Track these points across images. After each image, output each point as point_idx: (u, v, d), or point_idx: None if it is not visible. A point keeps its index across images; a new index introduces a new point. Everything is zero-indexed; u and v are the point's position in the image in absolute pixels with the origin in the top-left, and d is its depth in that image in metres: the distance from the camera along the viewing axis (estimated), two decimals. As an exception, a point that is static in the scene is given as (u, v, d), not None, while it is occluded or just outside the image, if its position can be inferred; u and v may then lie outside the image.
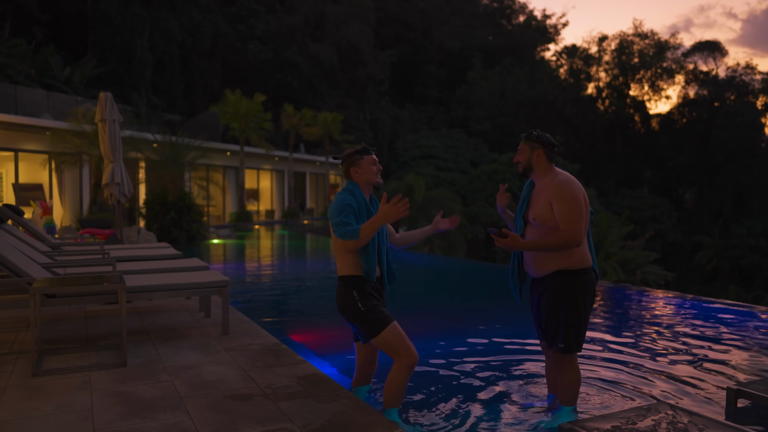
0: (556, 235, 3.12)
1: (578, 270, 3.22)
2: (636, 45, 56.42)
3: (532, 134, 3.31)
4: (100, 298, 4.25)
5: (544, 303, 3.30)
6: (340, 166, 3.44)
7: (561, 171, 3.30)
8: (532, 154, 3.30)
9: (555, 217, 3.15)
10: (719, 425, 2.58)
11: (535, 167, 3.31)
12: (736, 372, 4.31)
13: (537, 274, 3.32)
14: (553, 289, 3.24)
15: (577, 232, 3.09)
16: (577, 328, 3.22)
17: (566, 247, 3.13)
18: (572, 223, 3.10)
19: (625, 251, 23.49)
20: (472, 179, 37.92)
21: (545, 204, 3.19)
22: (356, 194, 3.30)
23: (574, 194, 3.14)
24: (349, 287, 3.27)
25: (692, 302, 7.30)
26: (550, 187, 3.21)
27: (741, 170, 44.46)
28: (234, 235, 19.18)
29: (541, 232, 3.23)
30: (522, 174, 3.38)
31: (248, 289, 8.74)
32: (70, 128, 16.33)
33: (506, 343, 5.34)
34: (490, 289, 9.44)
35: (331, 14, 50.49)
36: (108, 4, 32.17)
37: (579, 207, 3.12)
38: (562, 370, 3.31)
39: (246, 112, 25.71)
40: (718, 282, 36.17)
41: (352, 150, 3.38)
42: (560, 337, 3.22)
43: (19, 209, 7.19)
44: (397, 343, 3.21)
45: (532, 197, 3.33)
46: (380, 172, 3.36)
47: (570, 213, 3.11)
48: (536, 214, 3.23)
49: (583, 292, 3.22)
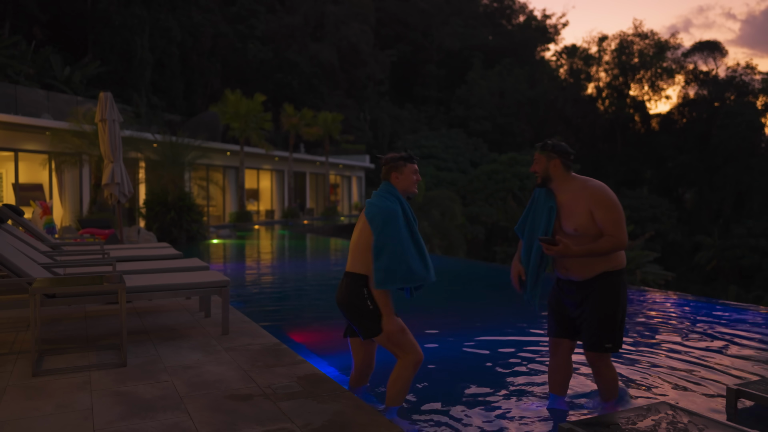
0: (605, 240, 3.21)
1: (620, 270, 3.34)
2: (636, 45, 56.45)
3: (548, 144, 3.35)
4: (100, 298, 4.25)
5: (590, 305, 3.31)
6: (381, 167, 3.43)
7: (583, 176, 3.35)
8: (549, 164, 3.34)
9: (597, 224, 3.23)
10: (719, 425, 2.58)
11: (553, 177, 3.35)
12: (736, 372, 4.31)
13: (582, 278, 3.34)
14: (601, 290, 3.29)
15: (625, 237, 3.22)
16: (622, 326, 3.33)
17: (615, 251, 3.24)
18: (619, 228, 3.20)
19: (626, 251, 23.48)
20: (472, 179, 37.93)
21: (585, 213, 3.24)
22: (403, 202, 3.29)
23: (614, 200, 3.24)
24: (358, 284, 3.23)
25: (692, 302, 7.30)
26: (584, 196, 3.25)
27: (741, 170, 44.47)
28: (234, 235, 19.18)
29: (581, 241, 3.27)
30: (540, 184, 3.40)
31: (248, 289, 8.74)
32: (70, 128, 16.33)
33: (506, 342, 5.34)
34: (490, 289, 9.44)
35: (331, 14, 50.52)
36: (108, 4, 32.19)
37: (621, 211, 3.25)
38: (600, 369, 3.37)
39: (246, 112, 25.72)
40: (718, 282, 36.17)
41: (396, 154, 3.36)
42: (608, 337, 3.28)
43: (19, 209, 7.20)
44: (403, 340, 3.22)
45: (562, 207, 3.34)
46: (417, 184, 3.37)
47: (616, 219, 3.21)
48: (578, 224, 3.27)
49: (626, 291, 3.36)
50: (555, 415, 3.49)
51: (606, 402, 3.45)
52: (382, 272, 3.12)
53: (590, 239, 3.26)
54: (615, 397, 3.45)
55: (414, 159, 3.38)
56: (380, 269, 3.12)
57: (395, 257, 3.12)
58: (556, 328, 3.52)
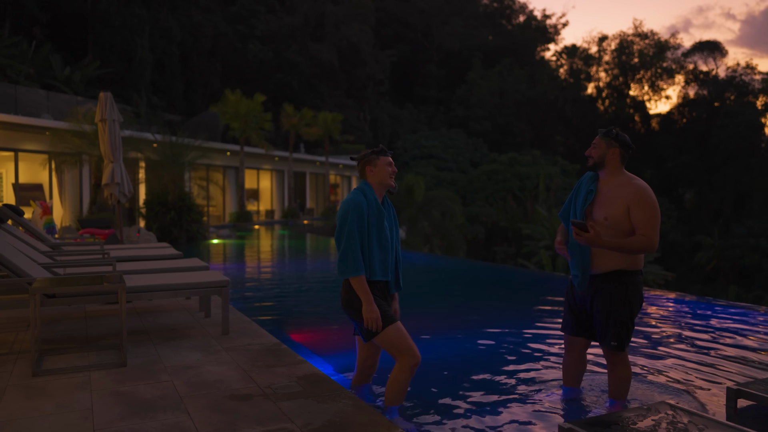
0: (637, 239, 3.19)
1: (636, 271, 3.31)
2: (636, 45, 56.44)
3: (612, 131, 3.36)
4: (100, 298, 4.25)
5: (602, 301, 3.34)
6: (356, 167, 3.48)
7: (633, 175, 3.36)
8: (608, 151, 3.35)
9: (631, 220, 3.22)
10: (719, 425, 2.58)
11: (607, 165, 3.36)
12: (736, 372, 4.31)
13: (596, 271, 3.36)
14: (612, 287, 3.31)
15: (656, 239, 3.19)
16: (629, 326, 3.32)
17: (645, 251, 3.22)
18: (653, 229, 3.19)
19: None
20: (472, 179, 37.94)
21: (622, 206, 3.24)
22: (368, 194, 3.33)
23: (654, 202, 3.23)
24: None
25: (692, 302, 7.30)
26: (627, 190, 3.26)
27: (741, 170, 44.46)
28: (234, 235, 19.18)
29: (608, 233, 3.27)
30: (591, 168, 3.41)
31: (248, 289, 8.74)
32: (70, 128, 16.32)
33: (507, 342, 5.34)
34: (490, 289, 9.44)
35: (331, 14, 50.51)
36: (108, 4, 32.17)
37: (658, 214, 3.23)
38: (615, 366, 3.39)
39: (246, 112, 25.72)
40: (718, 282, 36.16)
41: (368, 150, 3.43)
42: (614, 335, 3.30)
43: (19, 209, 7.19)
44: (400, 342, 3.24)
45: (601, 194, 3.36)
46: (395, 175, 3.41)
47: (651, 220, 3.19)
48: (609, 213, 3.28)
49: (638, 292, 3.32)
50: (559, 410, 3.50)
51: (615, 400, 3.45)
52: (339, 261, 3.24)
53: (616, 233, 3.25)
54: (624, 398, 3.45)
55: (387, 152, 3.42)
56: (338, 258, 3.25)
57: (349, 247, 3.21)
58: (573, 327, 3.54)
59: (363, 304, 3.21)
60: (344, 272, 3.21)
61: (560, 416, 3.48)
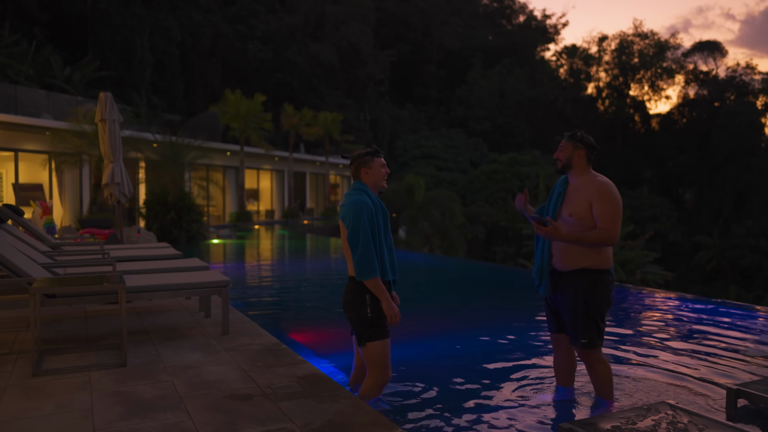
0: (596, 232, 3.28)
1: (602, 270, 3.36)
2: (636, 45, 56.43)
3: (577, 134, 3.45)
4: (100, 298, 4.25)
5: (567, 299, 3.40)
6: (349, 166, 3.45)
7: (598, 173, 3.44)
8: (574, 153, 3.44)
9: (593, 216, 3.31)
10: (719, 425, 2.58)
11: (574, 166, 3.45)
12: (736, 372, 4.31)
13: (562, 268, 3.44)
14: (577, 286, 3.36)
15: (615, 232, 3.27)
16: (598, 324, 3.36)
17: (603, 245, 3.29)
18: (612, 223, 3.26)
19: (626, 251, 23.50)
20: (472, 179, 37.93)
21: (584, 202, 3.33)
22: (371, 195, 3.31)
23: (615, 196, 3.31)
24: (362, 290, 3.26)
25: (692, 302, 7.30)
26: (590, 187, 3.35)
27: (741, 170, 44.46)
28: (234, 235, 19.18)
29: (573, 228, 3.36)
30: (560, 171, 3.50)
31: (248, 289, 8.74)
32: (70, 128, 16.32)
33: (507, 342, 5.34)
34: (490, 289, 9.44)
35: (331, 14, 50.51)
36: (108, 4, 32.18)
37: (619, 208, 3.30)
38: (591, 366, 3.43)
39: (246, 112, 25.72)
40: (718, 282, 36.16)
41: (362, 151, 3.38)
42: (583, 332, 3.35)
43: (19, 209, 7.19)
44: (381, 359, 3.28)
45: (568, 194, 3.46)
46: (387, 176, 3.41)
47: (610, 213, 3.27)
48: (573, 210, 3.37)
49: (606, 291, 3.36)
50: (558, 410, 3.50)
51: (605, 400, 3.49)
52: (359, 264, 3.17)
53: (581, 228, 3.33)
54: (611, 396, 3.49)
55: (381, 153, 3.40)
56: (357, 261, 3.18)
57: (367, 249, 3.16)
58: (554, 325, 3.63)
59: (382, 302, 3.22)
60: (364, 274, 3.17)
61: (559, 416, 3.48)
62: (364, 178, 3.35)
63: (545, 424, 3.36)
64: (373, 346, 3.25)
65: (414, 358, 4.63)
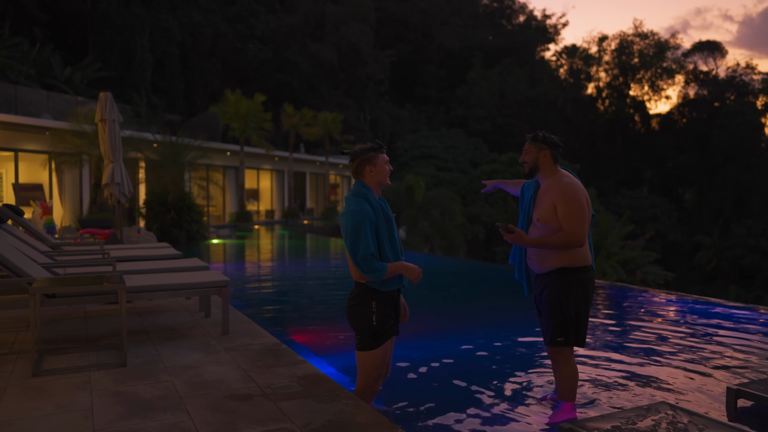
0: (559, 235, 3.25)
1: (578, 267, 3.33)
2: (636, 45, 56.45)
3: (539, 135, 3.41)
4: (100, 298, 4.25)
5: (544, 298, 3.41)
6: (350, 163, 3.18)
7: (566, 173, 3.41)
8: (539, 154, 3.40)
9: (558, 218, 3.27)
10: (719, 425, 2.58)
11: (541, 168, 3.42)
12: (736, 372, 4.31)
13: (539, 270, 3.45)
14: (553, 285, 3.35)
15: (579, 234, 3.22)
16: (576, 323, 3.33)
17: (569, 247, 3.26)
18: (574, 224, 3.23)
19: (626, 251, 23.50)
20: (472, 179, 37.90)
21: (549, 206, 3.31)
22: (372, 200, 3.07)
23: (576, 197, 3.26)
24: (368, 297, 3.08)
25: (692, 302, 7.30)
26: (554, 190, 3.32)
27: (741, 170, 44.46)
28: (234, 235, 19.18)
29: (543, 232, 3.35)
30: (528, 174, 3.48)
31: (248, 289, 8.74)
32: (70, 128, 16.32)
33: (507, 342, 5.34)
34: (490, 289, 9.44)
35: (331, 14, 50.51)
36: (108, 4, 32.18)
37: (581, 209, 3.25)
38: (558, 364, 3.40)
39: (246, 112, 25.72)
40: (718, 282, 36.17)
41: (364, 146, 3.13)
42: (558, 331, 3.33)
43: (19, 209, 7.19)
44: (375, 370, 3.15)
45: (537, 198, 3.43)
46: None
47: (572, 215, 3.23)
48: (540, 215, 3.35)
49: (583, 289, 3.33)
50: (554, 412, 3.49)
51: (562, 401, 3.41)
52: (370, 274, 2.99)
53: (550, 232, 3.32)
54: (572, 399, 3.40)
55: (383, 147, 3.19)
56: (367, 272, 2.99)
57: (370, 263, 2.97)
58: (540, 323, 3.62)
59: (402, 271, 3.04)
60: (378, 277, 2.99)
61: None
62: (368, 177, 3.11)
63: (544, 424, 3.36)
64: (368, 355, 3.11)
65: (414, 358, 4.63)
